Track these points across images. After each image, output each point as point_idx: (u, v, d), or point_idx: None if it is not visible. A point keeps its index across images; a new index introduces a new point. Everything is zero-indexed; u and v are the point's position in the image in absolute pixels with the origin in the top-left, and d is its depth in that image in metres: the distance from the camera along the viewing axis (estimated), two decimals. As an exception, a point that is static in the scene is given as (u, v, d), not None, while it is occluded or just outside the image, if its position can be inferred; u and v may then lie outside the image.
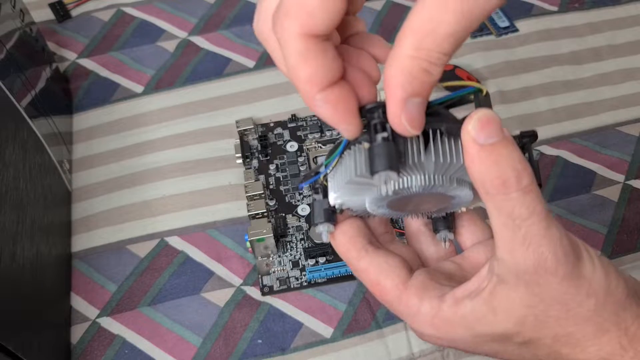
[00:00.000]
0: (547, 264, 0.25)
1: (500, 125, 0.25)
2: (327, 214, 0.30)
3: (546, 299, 0.26)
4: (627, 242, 0.49)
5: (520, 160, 0.25)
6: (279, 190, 0.52)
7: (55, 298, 0.46)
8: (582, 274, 0.26)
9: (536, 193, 0.25)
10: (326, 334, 0.46)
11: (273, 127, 0.55)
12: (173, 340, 0.46)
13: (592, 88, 0.58)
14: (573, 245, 0.26)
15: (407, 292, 0.29)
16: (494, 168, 0.24)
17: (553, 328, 0.27)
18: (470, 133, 0.24)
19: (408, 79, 0.24)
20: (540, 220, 0.25)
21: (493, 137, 0.24)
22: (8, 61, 0.45)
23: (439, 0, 0.22)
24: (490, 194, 0.25)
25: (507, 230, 0.25)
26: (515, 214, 0.25)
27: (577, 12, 0.63)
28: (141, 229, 0.51)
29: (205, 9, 0.64)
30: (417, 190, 0.27)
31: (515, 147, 0.25)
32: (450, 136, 0.27)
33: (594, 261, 0.27)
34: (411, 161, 0.26)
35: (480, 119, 0.24)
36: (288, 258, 0.49)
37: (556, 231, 0.25)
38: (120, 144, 0.55)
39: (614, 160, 0.53)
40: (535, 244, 0.25)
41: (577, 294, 0.26)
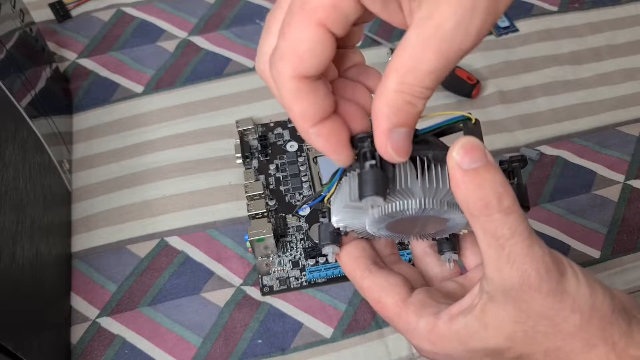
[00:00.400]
0: (531, 281, 0.26)
1: (484, 151, 0.26)
2: (333, 236, 0.32)
3: (533, 315, 0.27)
4: (627, 242, 0.49)
5: (501, 183, 0.26)
6: (279, 190, 0.52)
7: (55, 298, 0.46)
8: (566, 290, 0.27)
9: (518, 214, 0.26)
10: (326, 334, 0.46)
11: (273, 127, 0.55)
12: (173, 340, 0.46)
13: (592, 88, 0.58)
14: (556, 262, 0.27)
15: (406, 309, 0.31)
16: (477, 191, 0.26)
17: (542, 343, 0.28)
18: (455, 159, 0.26)
19: (393, 110, 0.25)
20: (522, 239, 0.26)
21: (476, 162, 0.26)
22: (8, 61, 0.45)
23: (421, 40, 0.24)
24: (474, 216, 0.26)
25: (493, 250, 0.27)
26: (498, 234, 0.26)
27: (577, 12, 0.63)
28: (141, 229, 0.51)
29: (205, 9, 0.64)
30: (411, 214, 0.29)
31: (497, 171, 0.26)
32: (437, 162, 0.29)
33: (578, 277, 0.28)
34: (399, 186, 0.28)
35: (464, 146, 0.26)
36: (288, 258, 0.49)
37: (538, 249, 0.27)
38: (120, 144, 0.55)
39: (614, 160, 0.53)
40: (518, 262, 0.26)
41: (561, 309, 0.27)
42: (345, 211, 0.29)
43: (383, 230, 0.30)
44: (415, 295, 0.31)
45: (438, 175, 0.28)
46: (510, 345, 0.28)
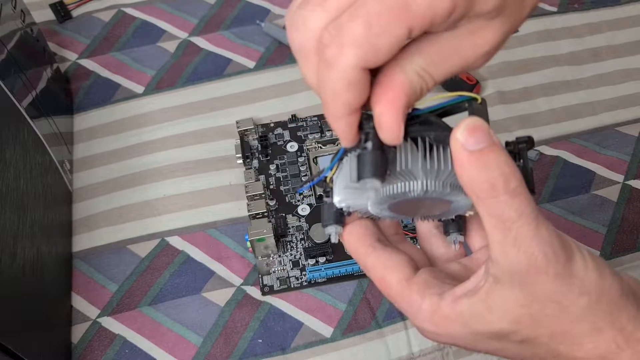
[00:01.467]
0: (538, 264, 0.26)
1: (489, 131, 0.26)
2: (336, 215, 0.31)
3: (540, 298, 0.27)
4: (626, 242, 0.49)
5: (507, 164, 0.25)
6: (279, 190, 0.52)
7: (55, 298, 0.47)
8: (574, 273, 0.27)
9: (524, 196, 0.26)
10: (326, 333, 0.46)
11: (273, 128, 0.55)
12: (173, 339, 0.46)
13: (592, 88, 0.58)
14: (564, 244, 0.27)
15: (409, 288, 0.30)
16: (482, 173, 0.25)
17: (549, 326, 0.28)
18: (459, 140, 0.25)
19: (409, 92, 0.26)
20: (529, 222, 0.26)
21: (481, 143, 0.25)
22: (9, 62, 0.45)
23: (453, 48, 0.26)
24: (480, 198, 0.26)
25: (499, 233, 0.26)
26: (505, 216, 0.26)
27: (576, 13, 0.63)
28: (142, 228, 0.51)
29: (205, 9, 0.64)
30: (413, 196, 0.28)
31: (503, 152, 0.26)
32: (439, 143, 0.28)
33: (586, 260, 0.27)
34: (399, 168, 0.27)
35: (468, 126, 0.25)
36: (288, 258, 0.49)
37: (546, 232, 0.26)
38: (121, 144, 0.55)
39: (613, 160, 0.53)
40: (525, 245, 0.26)
41: (569, 292, 0.27)
42: (347, 192, 0.29)
43: (386, 211, 0.30)
44: (420, 274, 0.30)
45: (440, 156, 0.28)
46: (515, 328, 0.28)
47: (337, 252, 0.49)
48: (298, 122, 0.56)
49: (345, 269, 0.47)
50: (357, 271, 0.48)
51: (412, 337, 0.45)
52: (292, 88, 0.58)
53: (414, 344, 0.45)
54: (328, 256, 0.48)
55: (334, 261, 0.48)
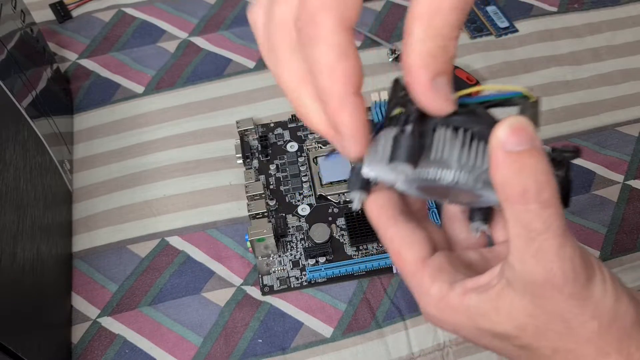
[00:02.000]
0: (555, 280, 0.25)
1: (533, 134, 0.24)
2: (363, 182, 0.30)
3: (549, 313, 0.26)
4: (626, 242, 0.49)
5: (544, 172, 0.24)
6: (279, 190, 0.52)
7: (55, 298, 0.47)
8: (590, 295, 0.26)
9: (555, 208, 0.25)
10: (326, 333, 0.46)
11: (273, 128, 0.55)
12: (173, 339, 0.46)
13: (592, 88, 0.58)
14: (586, 265, 0.26)
15: (422, 269, 0.29)
16: (516, 176, 0.24)
17: (553, 341, 0.27)
18: (499, 137, 0.24)
19: (427, 60, 0.24)
20: (555, 236, 0.25)
21: (522, 145, 0.24)
22: (9, 62, 0.45)
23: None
24: (509, 201, 0.25)
25: (521, 241, 0.25)
26: (530, 226, 0.25)
27: (576, 13, 0.63)
28: (142, 228, 0.51)
29: (205, 9, 0.64)
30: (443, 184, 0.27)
31: (542, 158, 0.24)
32: (481, 138, 0.27)
33: (605, 284, 0.26)
34: (434, 156, 0.26)
35: (512, 125, 0.24)
36: (288, 258, 0.49)
37: (570, 250, 0.25)
38: (121, 144, 0.55)
39: (613, 160, 0.53)
40: (545, 260, 0.25)
41: (581, 314, 0.26)
42: (377, 166, 0.28)
43: (414, 190, 0.29)
44: (435, 257, 0.30)
45: (479, 151, 0.26)
46: (518, 334, 0.28)
47: (337, 252, 0.49)
48: (298, 122, 0.56)
49: (345, 269, 0.47)
50: (357, 271, 0.48)
51: (412, 337, 0.45)
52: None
53: (414, 344, 0.45)
54: (328, 256, 0.48)
55: (334, 261, 0.48)
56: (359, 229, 0.48)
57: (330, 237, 0.49)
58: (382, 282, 0.47)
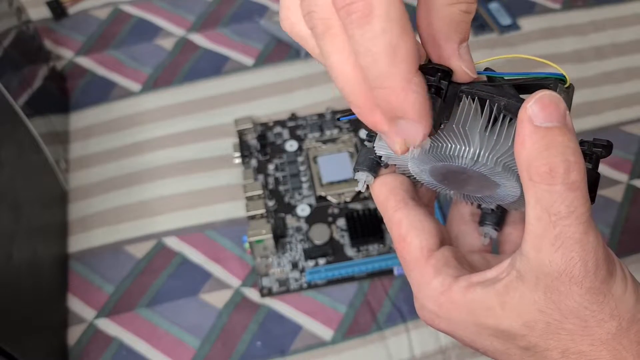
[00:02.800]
0: (574, 272, 0.24)
1: (565, 111, 0.23)
2: (371, 162, 0.28)
3: (563, 310, 0.24)
4: (630, 243, 0.49)
5: (574, 152, 0.23)
6: (278, 190, 0.51)
7: (51, 299, 0.46)
8: (610, 292, 0.24)
9: (582, 192, 0.23)
10: (326, 336, 0.45)
11: (272, 126, 0.55)
12: (171, 342, 0.45)
13: (596, 87, 0.57)
14: (608, 259, 0.24)
15: (427, 260, 0.28)
16: (544, 153, 0.23)
17: (564, 342, 0.25)
18: (528, 111, 0.23)
19: (453, 26, 0.23)
20: (579, 223, 0.23)
21: (552, 121, 0.23)
22: (4, 60, 0.44)
23: None
24: (533, 180, 0.23)
25: (540, 225, 0.24)
26: (553, 209, 0.23)
27: (580, 10, 0.62)
28: (139, 229, 0.50)
29: (203, 6, 0.63)
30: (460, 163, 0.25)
31: (573, 138, 0.23)
32: (507, 114, 0.25)
33: (627, 281, 0.25)
34: (456, 125, 0.24)
35: (543, 98, 0.23)
36: (287, 259, 0.48)
37: (593, 239, 0.24)
38: (118, 143, 0.55)
39: (618, 159, 0.53)
40: (566, 247, 0.23)
41: (599, 311, 0.24)
42: None
43: (426, 174, 0.27)
44: (443, 250, 0.28)
45: (504, 129, 0.25)
46: (525, 333, 0.25)
47: (337, 253, 0.48)
48: (297, 121, 0.55)
49: (345, 271, 0.47)
50: (357, 273, 0.47)
51: (413, 340, 0.45)
52: (291, 86, 0.58)
53: (416, 347, 0.44)
54: (328, 257, 0.48)
55: (334, 262, 0.47)
56: (360, 230, 0.48)
57: (330, 238, 0.48)
58: (384, 284, 0.47)
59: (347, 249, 0.48)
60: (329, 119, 0.55)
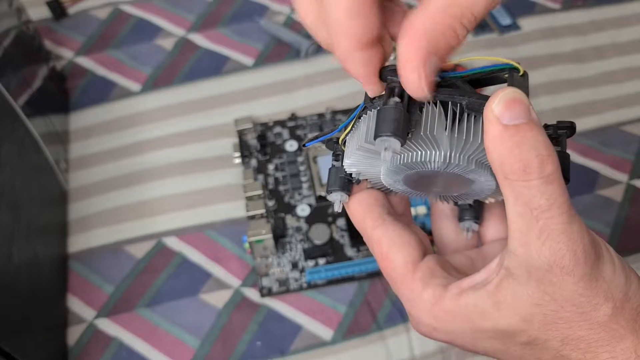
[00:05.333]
0: (564, 262, 0.24)
1: (529, 106, 0.23)
2: (343, 182, 0.28)
3: (559, 299, 0.24)
4: (630, 243, 0.49)
5: (545, 146, 0.23)
6: (278, 190, 0.51)
7: (51, 299, 0.46)
8: (601, 276, 0.24)
9: (559, 183, 0.23)
10: (326, 336, 0.45)
11: (272, 126, 0.55)
12: (171, 342, 0.45)
13: (596, 87, 0.57)
14: (594, 243, 0.25)
15: (414, 273, 0.27)
16: (515, 151, 0.23)
17: (562, 330, 0.25)
18: (494, 111, 0.23)
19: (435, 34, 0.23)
20: (561, 213, 0.23)
21: (519, 118, 0.23)
22: (5, 60, 0.44)
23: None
24: (508, 179, 0.23)
25: (523, 221, 0.24)
26: (534, 204, 0.23)
27: (580, 10, 0.62)
28: (138, 229, 0.50)
29: (203, 6, 0.63)
30: (433, 168, 0.25)
31: (542, 131, 0.23)
32: (471, 112, 0.25)
33: (614, 262, 0.25)
34: (423, 132, 0.24)
35: (507, 96, 0.23)
36: (287, 259, 0.48)
37: (578, 227, 0.24)
38: (118, 143, 0.55)
39: (618, 159, 0.53)
40: (552, 239, 0.23)
41: (594, 296, 0.24)
42: (359, 154, 0.26)
43: (400, 183, 0.27)
44: (427, 260, 0.28)
45: (470, 127, 0.25)
46: (524, 328, 0.26)
47: (337, 253, 0.48)
48: (297, 121, 0.55)
49: (345, 271, 0.47)
50: (357, 273, 0.47)
51: (413, 340, 0.44)
52: (291, 86, 0.58)
53: (416, 347, 0.44)
54: (328, 257, 0.48)
55: (333, 262, 0.47)
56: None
57: (330, 238, 0.48)
58: (383, 284, 0.47)
59: (347, 249, 0.48)
60: (329, 119, 0.55)
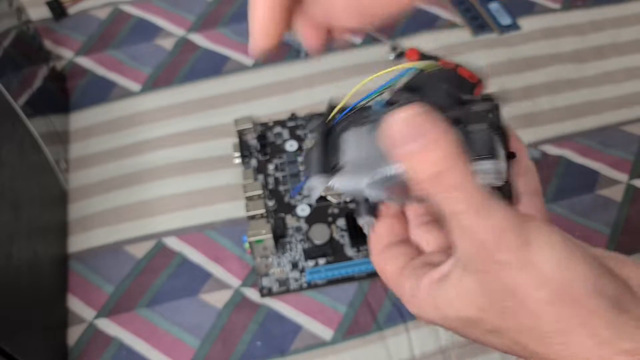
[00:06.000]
0: (486, 252, 0.25)
1: (423, 123, 0.24)
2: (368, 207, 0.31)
3: (495, 288, 0.25)
4: (630, 243, 0.49)
5: (445, 159, 0.24)
6: (278, 190, 0.51)
7: (51, 299, 0.46)
8: (531, 262, 0.24)
9: (467, 187, 0.24)
10: (326, 336, 0.45)
11: (272, 126, 0.55)
12: (171, 342, 0.45)
13: (595, 87, 0.57)
14: (522, 229, 0.25)
15: (401, 275, 0.30)
16: (420, 170, 0.25)
17: (512, 320, 0.25)
18: (393, 138, 0.25)
19: None
20: (476, 211, 0.25)
21: (417, 140, 0.24)
22: (5, 60, 0.44)
23: None
24: (422, 192, 0.25)
25: (449, 221, 0.25)
26: (451, 209, 0.25)
27: (580, 10, 0.62)
28: (138, 229, 0.50)
29: (203, 6, 0.63)
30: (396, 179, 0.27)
31: (441, 146, 0.24)
32: None
33: (552, 248, 0.24)
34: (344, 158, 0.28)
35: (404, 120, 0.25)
36: (287, 259, 0.48)
37: (497, 217, 0.24)
38: (118, 143, 0.55)
39: (618, 159, 0.53)
40: (472, 233, 0.25)
41: (524, 282, 0.24)
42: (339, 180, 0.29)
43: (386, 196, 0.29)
44: (412, 261, 0.30)
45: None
46: (482, 317, 0.26)
47: (337, 253, 0.48)
48: (297, 121, 0.55)
49: (345, 271, 0.47)
50: (357, 273, 0.47)
51: (413, 340, 0.45)
52: (291, 86, 0.58)
53: (416, 347, 0.44)
54: (328, 257, 0.48)
55: (334, 262, 0.47)
56: (360, 230, 0.48)
57: (330, 238, 0.48)
58: (383, 284, 0.47)
59: (347, 249, 0.48)
60: (329, 119, 0.55)
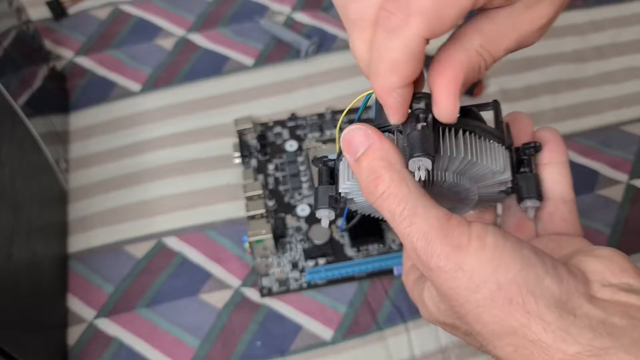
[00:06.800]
0: (423, 259, 0.26)
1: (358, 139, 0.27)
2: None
3: (441, 293, 0.26)
4: (630, 243, 0.49)
5: (373, 171, 0.27)
6: (278, 190, 0.51)
7: (51, 299, 0.46)
8: (461, 266, 0.25)
9: (393, 197, 0.26)
10: (326, 336, 0.45)
11: (272, 126, 0.55)
12: (171, 342, 0.45)
13: (596, 87, 0.57)
14: (451, 234, 0.25)
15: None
16: (361, 179, 0.27)
17: (471, 322, 0.26)
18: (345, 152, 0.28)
19: (470, 69, 0.26)
20: (402, 219, 0.26)
21: (355, 155, 0.27)
22: (5, 60, 0.44)
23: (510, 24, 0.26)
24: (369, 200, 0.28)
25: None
26: (387, 216, 0.27)
27: (580, 10, 0.62)
28: (138, 229, 0.50)
29: (203, 6, 0.63)
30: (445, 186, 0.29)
31: (373, 157, 0.27)
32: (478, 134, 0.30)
33: (483, 250, 0.25)
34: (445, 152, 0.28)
35: (344, 139, 0.28)
36: (287, 259, 0.48)
37: (426, 225, 0.25)
38: (118, 143, 0.55)
39: (618, 159, 0.53)
40: (410, 241, 0.26)
41: (458, 287, 0.25)
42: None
43: None
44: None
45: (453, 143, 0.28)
46: (453, 322, 0.28)
47: (337, 253, 0.48)
48: (297, 121, 0.55)
49: (345, 271, 0.47)
50: (357, 273, 0.47)
51: (413, 340, 0.44)
52: (291, 86, 0.58)
53: (416, 347, 0.44)
54: (328, 257, 0.48)
55: (333, 262, 0.47)
56: (360, 230, 0.48)
57: (330, 238, 0.48)
58: (383, 284, 0.47)
59: (347, 249, 0.48)
60: (329, 119, 0.55)
